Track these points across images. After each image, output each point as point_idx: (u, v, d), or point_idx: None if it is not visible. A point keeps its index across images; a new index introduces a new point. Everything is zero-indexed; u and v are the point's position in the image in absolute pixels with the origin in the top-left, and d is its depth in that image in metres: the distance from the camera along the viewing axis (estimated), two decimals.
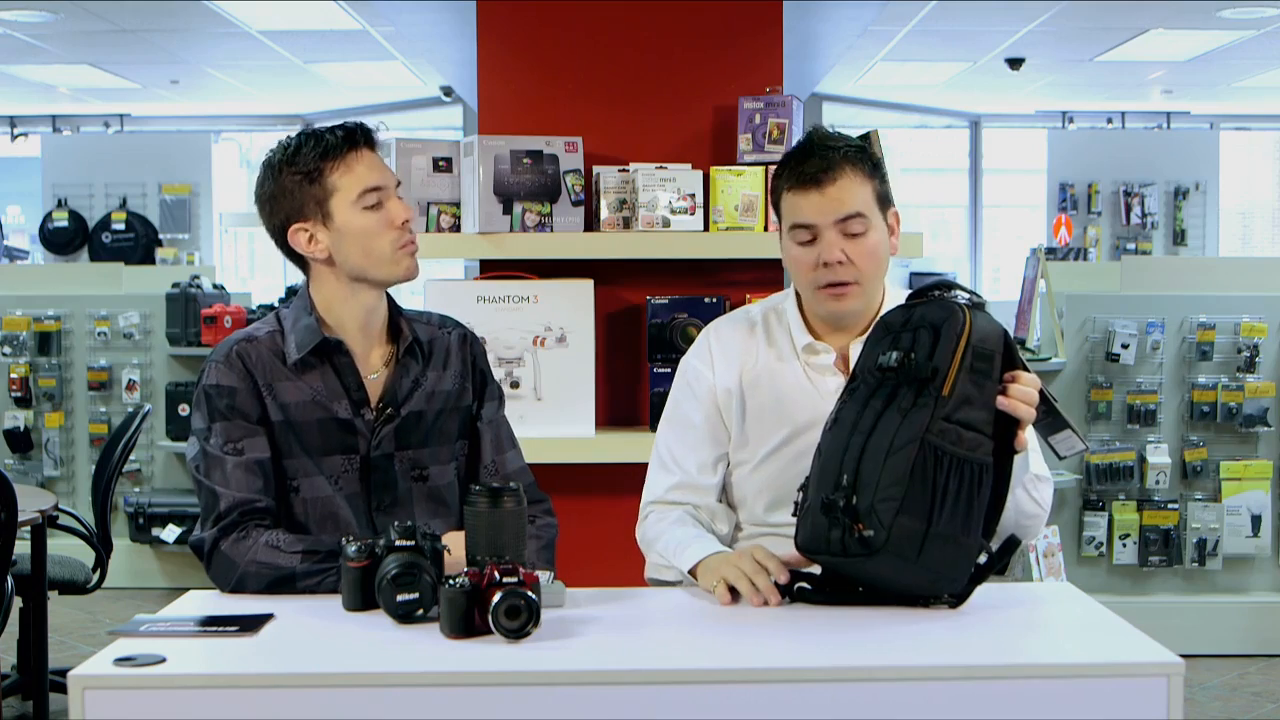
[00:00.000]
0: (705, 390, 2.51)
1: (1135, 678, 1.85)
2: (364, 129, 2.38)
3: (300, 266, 2.43)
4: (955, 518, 2.03)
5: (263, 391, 2.35)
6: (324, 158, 2.33)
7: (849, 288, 2.37)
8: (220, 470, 2.31)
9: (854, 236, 2.35)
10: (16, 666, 4.45)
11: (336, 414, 2.37)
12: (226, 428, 2.33)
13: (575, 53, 3.74)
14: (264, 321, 2.45)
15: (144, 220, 10.26)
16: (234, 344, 2.38)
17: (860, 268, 2.36)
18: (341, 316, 2.40)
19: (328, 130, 2.36)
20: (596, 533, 3.18)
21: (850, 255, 2.35)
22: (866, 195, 2.37)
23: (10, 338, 6.54)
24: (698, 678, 1.83)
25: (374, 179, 2.35)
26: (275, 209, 2.37)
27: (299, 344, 2.37)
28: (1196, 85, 10.09)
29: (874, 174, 2.39)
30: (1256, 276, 5.57)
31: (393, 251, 2.36)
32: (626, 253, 3.54)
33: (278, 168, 2.35)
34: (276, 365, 2.37)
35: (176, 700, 1.81)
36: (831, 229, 2.35)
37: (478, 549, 2.08)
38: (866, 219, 2.35)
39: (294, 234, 2.36)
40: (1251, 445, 5.34)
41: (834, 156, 2.35)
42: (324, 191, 2.33)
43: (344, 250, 2.35)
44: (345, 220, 2.34)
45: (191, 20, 7.65)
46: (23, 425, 6.50)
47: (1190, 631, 5.10)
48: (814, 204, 2.35)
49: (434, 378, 2.46)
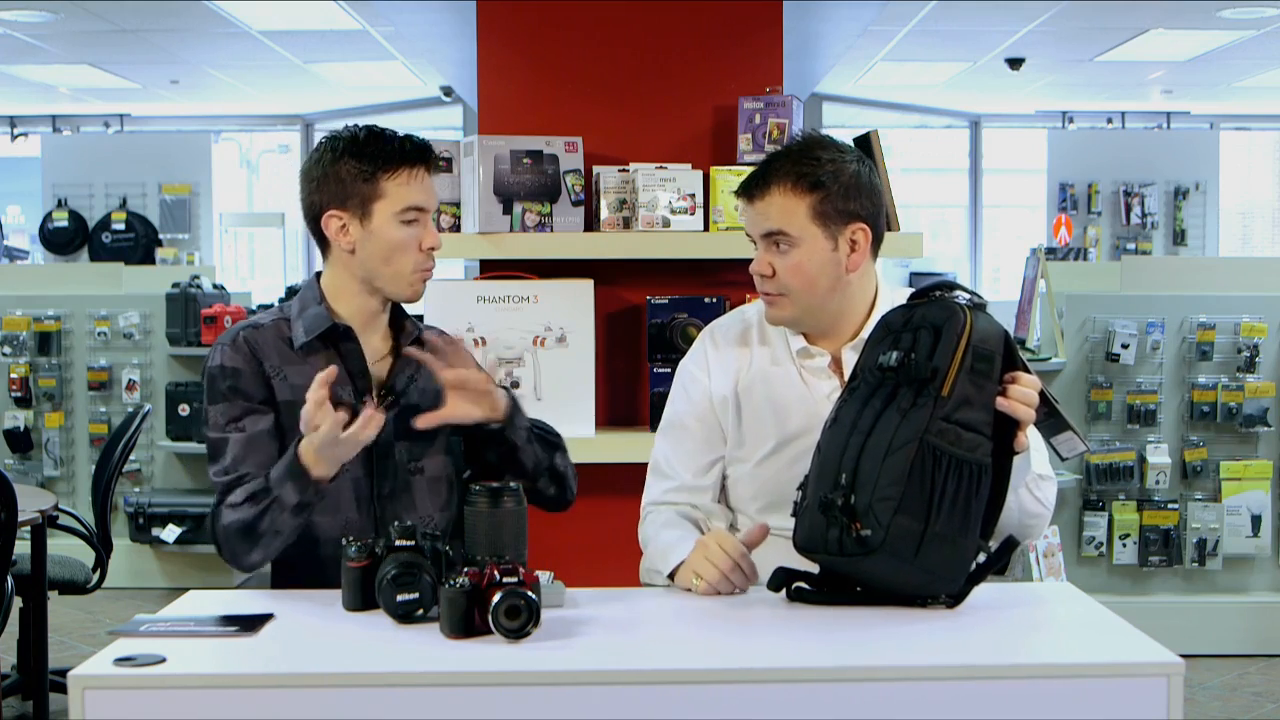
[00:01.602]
0: (700, 394, 2.53)
1: (1135, 678, 1.85)
2: (429, 148, 2.45)
3: (321, 248, 2.49)
4: (953, 518, 2.04)
5: (270, 374, 2.40)
6: (386, 162, 2.39)
7: (775, 298, 2.41)
8: (223, 451, 2.35)
9: (781, 252, 2.37)
10: (16, 666, 4.45)
11: (341, 398, 2.38)
12: (228, 408, 2.37)
13: (575, 53, 3.74)
14: (268, 313, 2.51)
15: (144, 220, 10.26)
16: (240, 329, 2.44)
17: (784, 282, 2.38)
18: (349, 307, 2.46)
19: (397, 137, 2.42)
20: (596, 533, 3.18)
21: (776, 268, 2.38)
22: (797, 213, 2.35)
23: (10, 338, 6.54)
24: (697, 678, 1.83)
25: (421, 199, 2.42)
26: (321, 188, 2.42)
27: (307, 329, 2.42)
28: (1196, 85, 10.09)
29: (814, 191, 2.35)
30: (1256, 276, 5.56)
31: (411, 272, 2.43)
32: (626, 253, 3.54)
33: (339, 153, 2.40)
34: (284, 349, 2.42)
35: (176, 700, 1.81)
36: (761, 241, 2.40)
37: (478, 549, 2.08)
38: (791, 237, 2.36)
39: (328, 219, 2.42)
40: (1251, 445, 5.34)
41: (773, 170, 2.37)
42: (373, 193, 2.39)
43: (367, 251, 2.41)
44: (380, 226, 2.40)
45: (191, 20, 7.65)
46: (23, 425, 6.50)
47: (1190, 631, 5.10)
48: (747, 215, 2.42)
49: (426, 374, 2.50)
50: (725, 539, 2.26)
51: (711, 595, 2.22)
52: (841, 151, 2.40)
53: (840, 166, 2.36)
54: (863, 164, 2.40)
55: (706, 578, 2.22)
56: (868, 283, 2.46)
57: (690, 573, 2.25)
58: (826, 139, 2.43)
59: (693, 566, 2.25)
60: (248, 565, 2.34)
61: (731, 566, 2.22)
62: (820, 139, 2.42)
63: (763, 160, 2.44)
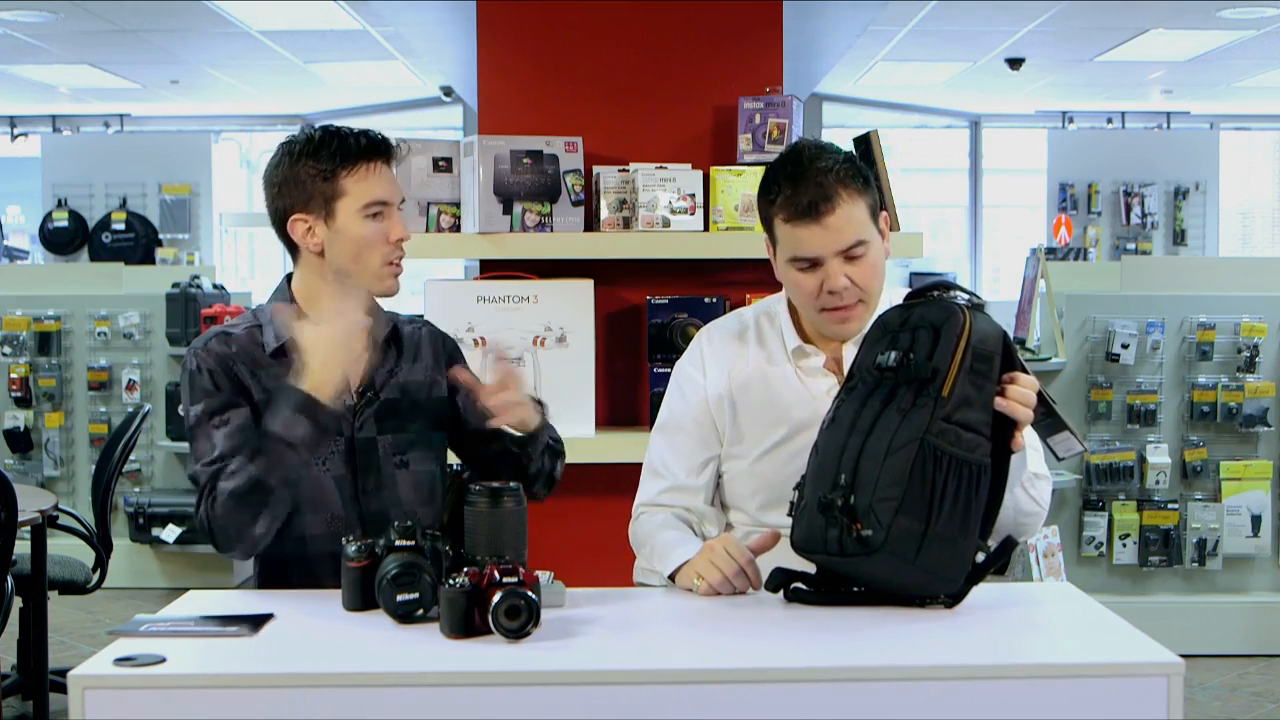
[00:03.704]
0: (696, 394, 2.53)
1: (1135, 678, 1.85)
2: (387, 143, 2.44)
3: (290, 252, 2.49)
4: (953, 518, 2.04)
5: (244, 376, 2.39)
6: (344, 160, 2.39)
7: (855, 309, 2.37)
8: (209, 444, 2.33)
9: (856, 259, 2.34)
10: (16, 666, 4.45)
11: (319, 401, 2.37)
12: (209, 403, 2.36)
13: (575, 53, 3.74)
14: (240, 319, 2.50)
15: (144, 220, 10.26)
16: (213, 335, 2.44)
17: (864, 288, 2.36)
18: (323, 307, 2.43)
19: (353, 134, 2.42)
20: (596, 533, 3.18)
21: (854, 279, 2.34)
22: (863, 216, 2.34)
23: (10, 338, 6.54)
24: (697, 678, 1.83)
25: (383, 193, 2.42)
26: (282, 194, 2.43)
27: (278, 333, 2.42)
28: (1196, 85, 10.09)
29: (865, 189, 2.35)
30: (1256, 276, 5.56)
31: (380, 266, 2.43)
32: (626, 253, 3.54)
33: (296, 156, 2.42)
34: (258, 353, 2.42)
35: (176, 700, 1.81)
36: (834, 258, 2.33)
37: (478, 549, 2.08)
38: (866, 242, 2.34)
39: (293, 223, 2.43)
40: (1251, 445, 5.34)
41: (828, 183, 2.30)
42: (334, 191, 2.40)
43: (336, 250, 2.42)
44: (345, 224, 2.40)
45: (191, 20, 7.65)
46: (23, 425, 6.50)
47: (1190, 631, 5.10)
48: (815, 237, 2.32)
49: (406, 369, 2.52)
50: (732, 544, 2.26)
51: (711, 595, 2.22)
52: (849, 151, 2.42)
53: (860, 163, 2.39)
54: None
55: (709, 579, 2.22)
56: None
57: (693, 573, 2.25)
58: (823, 142, 2.43)
59: (696, 568, 2.25)
60: (249, 541, 2.29)
61: (736, 571, 2.22)
62: (821, 143, 2.42)
63: (793, 180, 2.32)
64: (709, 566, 2.23)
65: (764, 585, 2.19)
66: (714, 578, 2.22)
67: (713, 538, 2.44)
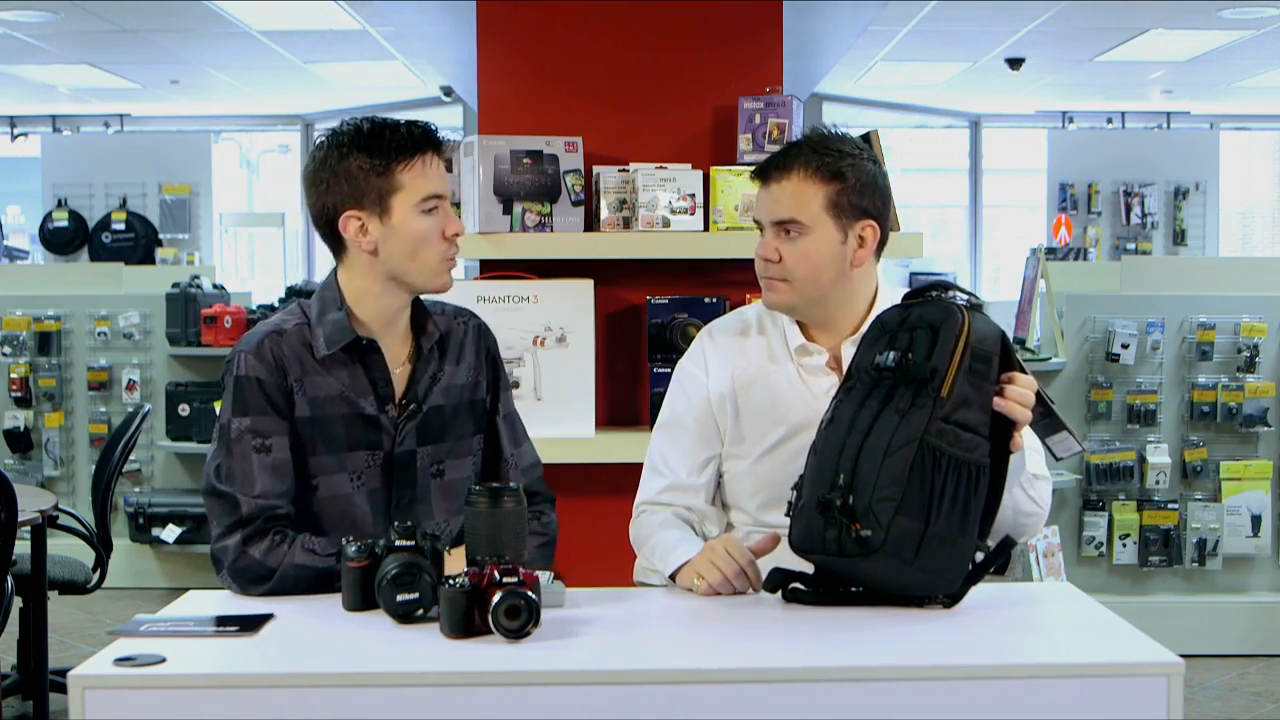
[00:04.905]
0: (698, 392, 2.53)
1: (1135, 678, 1.85)
2: (438, 135, 2.34)
3: (335, 252, 2.38)
4: (952, 519, 2.04)
5: (293, 387, 2.31)
6: (399, 153, 2.28)
7: (776, 283, 2.41)
8: (245, 471, 2.27)
9: (789, 238, 2.38)
10: (16, 666, 4.45)
11: (363, 410, 2.34)
12: (256, 421, 2.28)
13: (575, 53, 3.74)
14: (288, 313, 2.39)
15: (144, 220, 10.26)
16: (264, 335, 2.33)
17: (789, 268, 2.38)
18: (371, 310, 2.36)
19: (404, 125, 2.31)
20: (596, 533, 3.18)
21: (783, 254, 2.38)
22: (811, 201, 2.36)
23: (10, 338, 6.54)
24: (697, 678, 1.83)
25: (438, 186, 2.33)
26: (331, 189, 2.30)
27: (329, 339, 2.33)
28: (1196, 85, 10.09)
29: (830, 181, 2.36)
30: (1256, 276, 5.56)
31: (438, 262, 2.35)
32: (626, 253, 3.54)
33: (347, 149, 2.29)
34: (306, 358, 2.33)
35: (176, 700, 1.81)
36: (770, 227, 2.40)
37: (478, 549, 2.08)
38: (802, 225, 2.36)
39: (345, 220, 2.30)
40: (1251, 445, 5.34)
41: (792, 156, 2.38)
42: (390, 186, 2.29)
43: (391, 248, 2.31)
44: (402, 220, 2.30)
45: (191, 20, 7.65)
46: (23, 425, 6.50)
47: (1190, 631, 5.10)
48: (760, 199, 2.43)
49: (450, 372, 2.45)
50: (733, 545, 2.26)
51: (711, 595, 2.22)
52: (859, 149, 2.42)
53: (859, 163, 2.39)
54: (877, 165, 2.43)
55: (709, 579, 2.22)
56: (869, 281, 2.47)
57: (693, 573, 2.25)
58: (846, 135, 2.45)
59: (696, 568, 2.25)
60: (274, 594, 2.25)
61: (736, 572, 2.22)
62: (840, 134, 2.44)
63: (784, 146, 2.44)
64: (709, 567, 2.23)
65: (763, 586, 2.19)
66: (714, 578, 2.22)
67: (713, 537, 2.44)
